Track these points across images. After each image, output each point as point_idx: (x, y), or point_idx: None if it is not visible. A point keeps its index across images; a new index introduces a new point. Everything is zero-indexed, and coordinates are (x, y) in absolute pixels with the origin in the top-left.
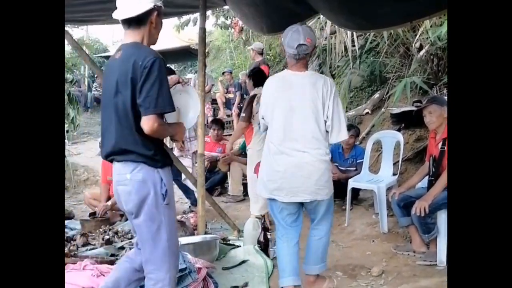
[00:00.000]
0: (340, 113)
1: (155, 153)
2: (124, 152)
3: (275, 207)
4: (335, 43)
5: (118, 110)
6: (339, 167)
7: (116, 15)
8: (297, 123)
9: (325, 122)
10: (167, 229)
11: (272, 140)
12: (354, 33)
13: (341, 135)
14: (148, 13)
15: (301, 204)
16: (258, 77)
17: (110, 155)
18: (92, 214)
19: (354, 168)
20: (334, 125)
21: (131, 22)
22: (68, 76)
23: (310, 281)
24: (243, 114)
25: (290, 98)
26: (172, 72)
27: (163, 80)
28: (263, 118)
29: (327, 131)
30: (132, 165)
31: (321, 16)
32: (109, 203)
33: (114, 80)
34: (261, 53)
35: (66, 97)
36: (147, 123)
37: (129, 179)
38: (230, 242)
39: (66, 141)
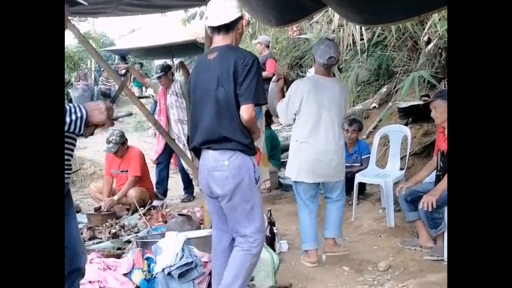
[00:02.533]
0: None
1: (250, 142)
2: (223, 140)
3: (299, 188)
4: (342, 37)
5: (219, 102)
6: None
7: (209, 22)
8: (326, 118)
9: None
10: (259, 208)
11: (303, 131)
12: (362, 27)
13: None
14: (236, 21)
15: (319, 184)
16: None
17: (206, 143)
18: (98, 209)
19: (359, 164)
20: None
21: (221, 28)
22: (65, 76)
23: (330, 244)
24: None
25: (322, 98)
26: (124, 59)
27: (260, 76)
28: (295, 114)
29: None
30: (230, 152)
31: (329, 9)
32: (116, 197)
33: (215, 77)
34: (268, 46)
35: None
36: (247, 110)
37: (227, 165)
38: None
39: None
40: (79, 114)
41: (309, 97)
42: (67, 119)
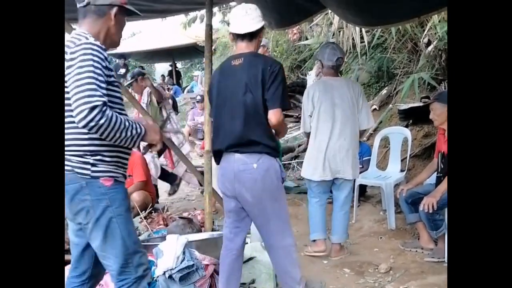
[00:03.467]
0: (367, 107)
1: (276, 145)
2: (251, 144)
3: (312, 183)
4: (342, 39)
5: (247, 107)
6: None
7: (235, 29)
8: (340, 115)
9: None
10: (285, 206)
11: (319, 130)
12: (362, 29)
13: (370, 122)
14: (260, 29)
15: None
16: None
17: (232, 147)
18: None
19: (361, 166)
20: (363, 115)
21: (246, 36)
22: None
23: (336, 249)
24: None
25: (333, 97)
26: (124, 57)
27: (285, 82)
28: (310, 116)
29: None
30: (257, 156)
31: (329, 12)
32: None
33: (242, 83)
34: (267, 49)
35: None
36: (275, 115)
37: (256, 168)
38: None
39: None
40: (138, 131)
41: (321, 97)
42: (128, 133)
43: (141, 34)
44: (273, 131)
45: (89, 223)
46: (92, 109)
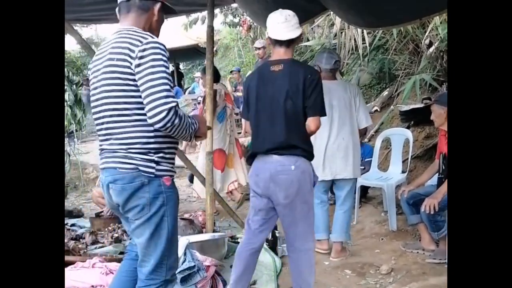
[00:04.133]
0: (364, 106)
1: (312, 149)
2: (290, 147)
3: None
4: (344, 41)
5: (288, 113)
6: None
7: (276, 36)
8: (337, 117)
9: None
10: (312, 210)
11: (318, 132)
12: (364, 30)
13: (368, 121)
14: (299, 36)
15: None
16: (216, 74)
17: (272, 150)
18: (99, 214)
19: (362, 167)
20: (361, 115)
21: (284, 42)
22: (74, 78)
23: (337, 249)
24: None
25: (331, 99)
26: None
27: (322, 90)
28: None
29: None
30: (294, 158)
31: (331, 13)
32: None
33: (283, 89)
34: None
35: (73, 98)
36: (315, 122)
37: (293, 170)
38: (239, 240)
39: (75, 139)
40: (196, 126)
41: None
42: (191, 129)
43: None
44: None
45: (139, 219)
46: (170, 110)
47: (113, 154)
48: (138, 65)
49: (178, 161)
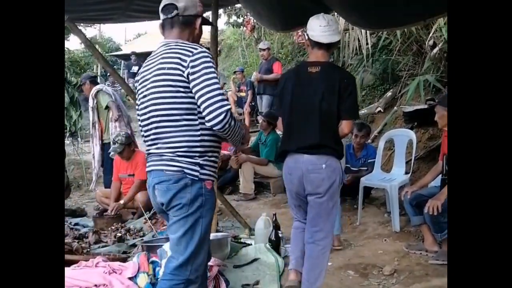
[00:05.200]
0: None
1: (343, 149)
2: (322, 147)
3: None
4: (348, 41)
5: (322, 114)
6: (351, 168)
7: (318, 39)
8: None
9: None
10: (336, 208)
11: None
12: (367, 31)
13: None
14: (338, 41)
15: None
16: None
17: (303, 149)
18: (102, 212)
19: (366, 168)
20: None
21: (324, 46)
22: (72, 79)
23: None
24: None
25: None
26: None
27: (357, 95)
28: None
29: None
30: (325, 157)
31: (335, 14)
32: (122, 201)
33: (319, 91)
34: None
35: (68, 100)
36: (349, 125)
37: (324, 168)
38: (242, 240)
39: (78, 139)
40: (243, 130)
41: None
42: (241, 132)
43: (147, 35)
44: None
45: (177, 217)
46: (227, 112)
47: (160, 157)
48: (192, 73)
49: None
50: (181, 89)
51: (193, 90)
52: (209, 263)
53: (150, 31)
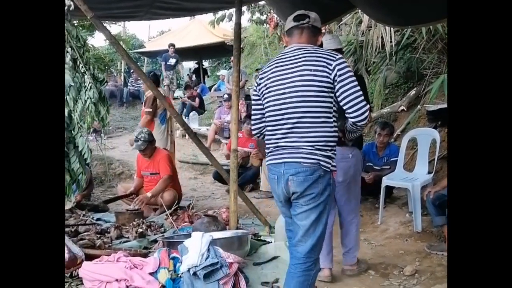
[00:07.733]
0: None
1: (362, 141)
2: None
3: None
4: (372, 39)
5: None
6: (374, 167)
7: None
8: None
9: None
10: (359, 190)
11: None
12: (392, 28)
13: None
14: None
15: None
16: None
17: None
18: (128, 195)
19: (388, 167)
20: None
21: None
22: (100, 75)
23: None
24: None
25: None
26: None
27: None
28: None
29: None
30: (351, 148)
31: (359, 11)
32: (149, 194)
33: None
34: None
35: (97, 95)
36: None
37: (350, 157)
38: (261, 238)
39: (102, 135)
40: None
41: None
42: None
43: (170, 33)
44: None
45: (308, 205)
46: (368, 110)
47: (296, 150)
48: (339, 75)
49: (203, 158)
50: (325, 89)
51: (340, 91)
52: (229, 260)
53: (174, 28)
